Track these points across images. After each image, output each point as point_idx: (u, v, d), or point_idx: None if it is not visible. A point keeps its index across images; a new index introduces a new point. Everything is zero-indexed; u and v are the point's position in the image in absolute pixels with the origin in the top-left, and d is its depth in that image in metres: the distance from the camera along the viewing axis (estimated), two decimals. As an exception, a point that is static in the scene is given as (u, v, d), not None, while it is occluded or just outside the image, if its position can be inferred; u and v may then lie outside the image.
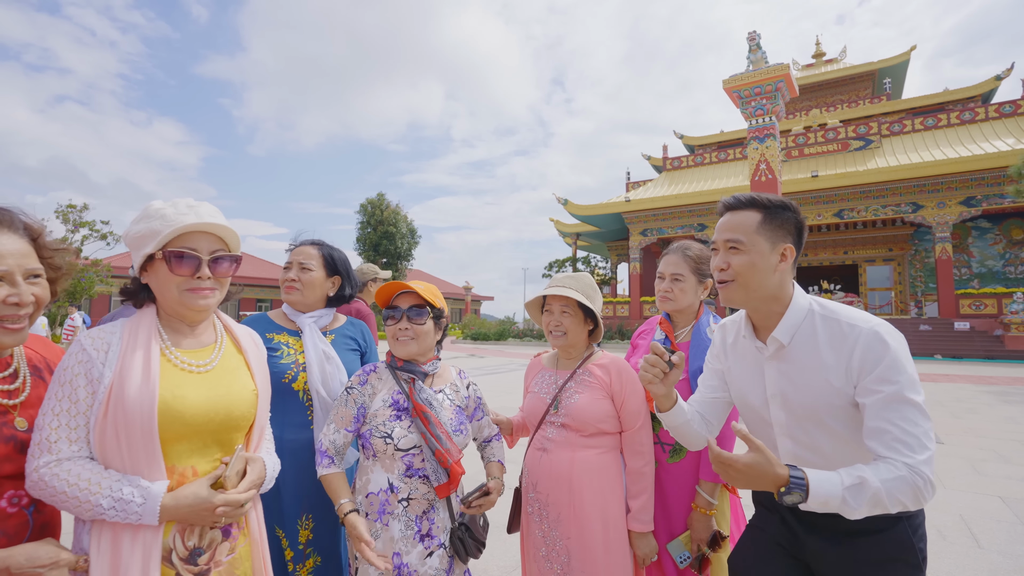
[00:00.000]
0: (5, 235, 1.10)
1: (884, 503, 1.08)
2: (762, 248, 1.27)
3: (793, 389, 1.26)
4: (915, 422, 1.11)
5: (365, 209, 30.49)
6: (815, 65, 30.11)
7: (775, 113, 8.93)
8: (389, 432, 1.57)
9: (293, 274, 1.93)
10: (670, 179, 27.17)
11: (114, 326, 1.19)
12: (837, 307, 1.26)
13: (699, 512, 1.77)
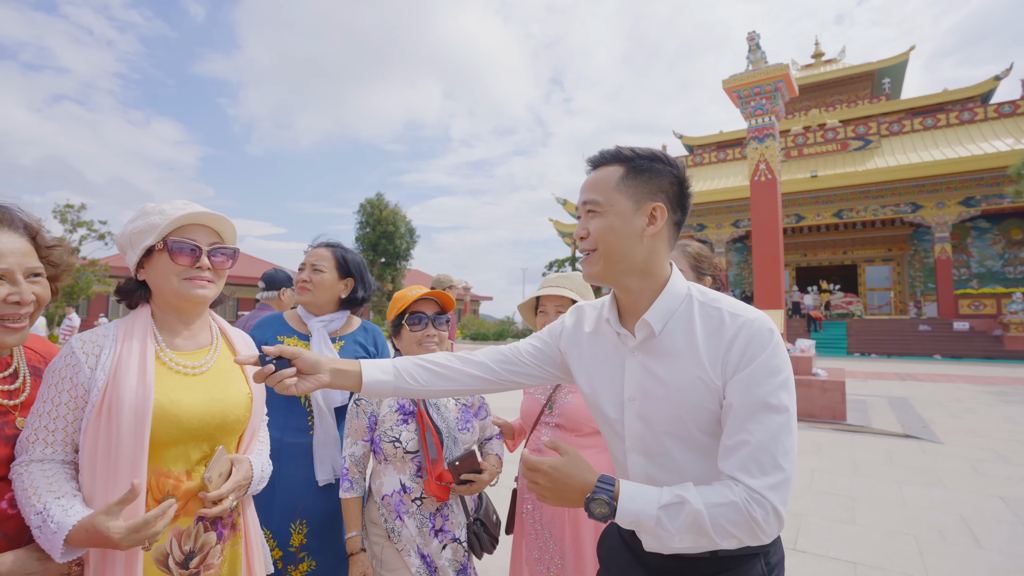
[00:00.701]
0: (5, 233, 1.10)
1: (708, 533, 0.90)
2: (622, 208, 1.04)
3: (658, 388, 1.03)
4: (775, 436, 0.92)
5: (364, 209, 30.47)
6: (814, 65, 30.12)
7: (775, 113, 8.91)
8: (397, 436, 1.60)
9: (306, 275, 1.95)
10: (669, 179, 27.19)
11: (107, 328, 1.18)
12: (719, 295, 1.07)
13: None
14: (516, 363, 1.26)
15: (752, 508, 0.90)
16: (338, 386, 1.16)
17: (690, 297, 1.07)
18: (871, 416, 7.57)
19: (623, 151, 1.08)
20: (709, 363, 0.99)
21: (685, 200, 1.09)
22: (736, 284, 26.37)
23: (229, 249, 1.28)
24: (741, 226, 23.01)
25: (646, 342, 1.07)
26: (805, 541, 3.40)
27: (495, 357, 1.26)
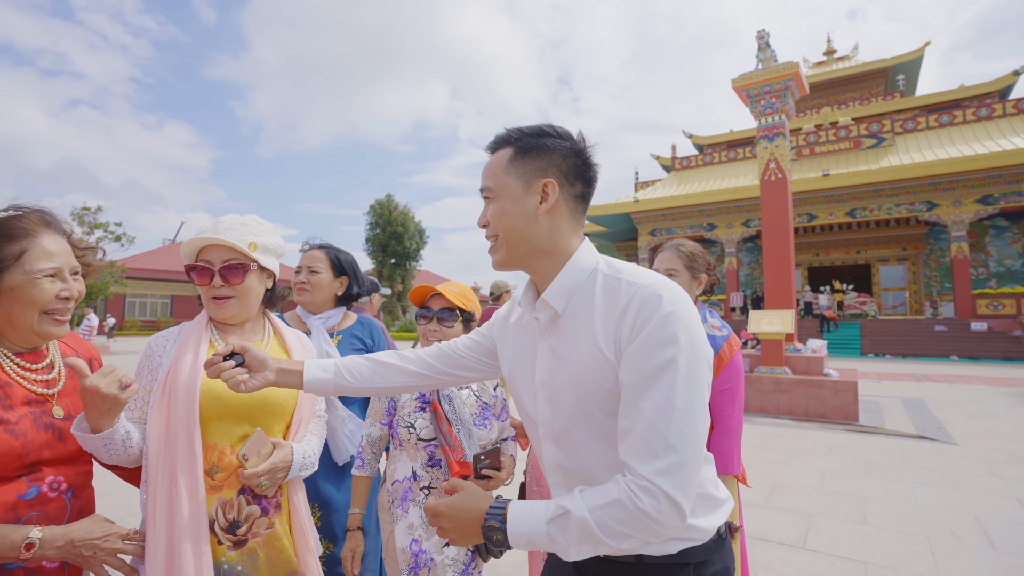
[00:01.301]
0: (52, 235, 1.18)
1: (600, 538, 0.83)
2: (512, 189, 1.00)
3: (561, 369, 0.98)
4: (667, 414, 0.83)
5: (374, 210, 30.69)
6: (826, 63, 29.80)
7: (785, 112, 8.85)
8: (412, 422, 1.66)
9: (303, 276, 2.06)
10: (679, 179, 27.02)
11: (178, 327, 1.39)
12: (626, 266, 0.99)
13: None
14: (453, 358, 1.26)
15: (639, 500, 0.81)
16: (283, 384, 1.19)
17: (596, 271, 1.00)
18: (884, 417, 7.49)
19: (511, 132, 1.05)
20: (603, 336, 0.93)
21: (586, 171, 1.04)
22: (747, 284, 26.17)
23: (243, 264, 1.38)
24: (752, 226, 22.82)
25: (552, 323, 1.02)
26: (815, 540, 3.38)
27: (433, 353, 1.27)
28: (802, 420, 7.47)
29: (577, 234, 1.04)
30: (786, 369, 8.05)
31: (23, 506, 1.07)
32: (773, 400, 7.88)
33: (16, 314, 1.13)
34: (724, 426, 1.80)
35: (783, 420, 7.50)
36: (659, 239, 25.16)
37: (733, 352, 1.84)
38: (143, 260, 36.65)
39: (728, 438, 1.80)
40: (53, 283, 1.15)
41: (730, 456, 1.80)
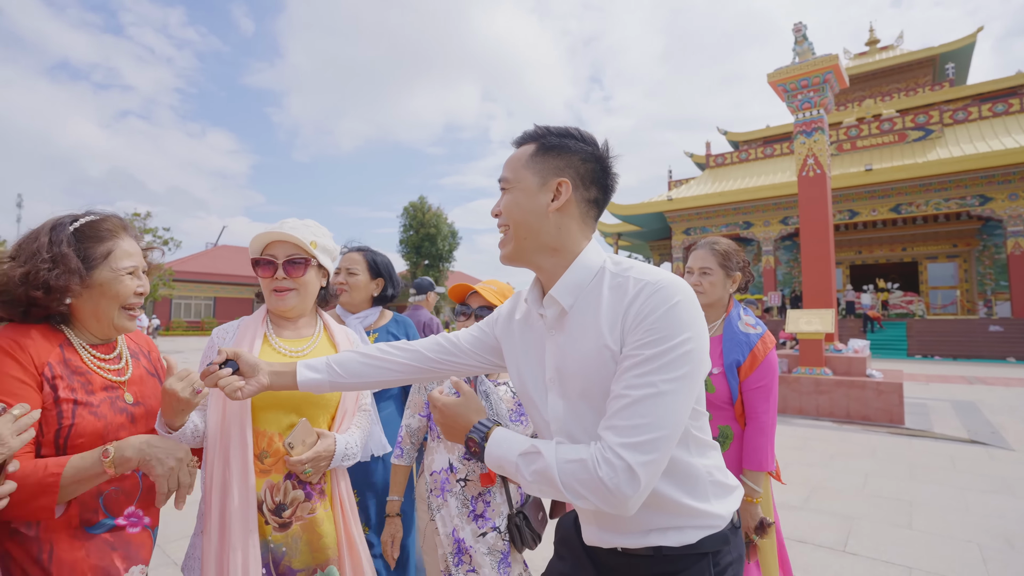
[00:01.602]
0: (127, 239, 1.31)
1: (558, 487, 0.89)
2: (528, 184, 1.03)
3: (570, 364, 1.00)
4: (652, 397, 0.86)
5: (408, 212, 31.14)
6: (868, 53, 28.70)
7: (823, 106, 8.58)
8: None
9: (342, 278, 2.19)
10: (714, 176, 26.48)
11: (237, 321, 1.52)
12: (633, 264, 1.01)
13: (744, 501, 1.80)
14: (453, 352, 1.28)
15: (599, 467, 0.85)
16: (278, 387, 1.26)
17: (603, 270, 1.02)
18: (932, 420, 7.19)
19: (539, 129, 1.07)
20: (608, 329, 0.95)
21: (604, 178, 1.06)
22: (785, 283, 25.44)
23: (305, 258, 1.51)
24: (790, 223, 22.16)
25: (560, 320, 1.04)
26: (856, 544, 3.30)
27: (432, 346, 1.29)
28: (843, 422, 7.25)
29: (586, 236, 1.07)
30: (826, 370, 7.82)
31: (103, 483, 1.18)
32: (812, 401, 7.67)
33: (102, 308, 1.24)
34: (758, 422, 1.81)
35: (823, 422, 7.30)
36: (693, 238, 24.73)
37: (767, 349, 1.84)
38: (188, 263, 38.19)
39: (762, 434, 1.81)
40: (133, 280, 1.27)
41: (764, 452, 1.80)
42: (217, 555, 1.28)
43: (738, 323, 1.91)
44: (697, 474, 1.00)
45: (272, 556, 1.35)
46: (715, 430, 1.87)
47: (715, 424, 1.87)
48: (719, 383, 1.85)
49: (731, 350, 1.85)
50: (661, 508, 0.98)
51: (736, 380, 1.82)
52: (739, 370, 1.82)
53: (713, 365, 1.87)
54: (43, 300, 1.17)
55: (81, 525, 1.15)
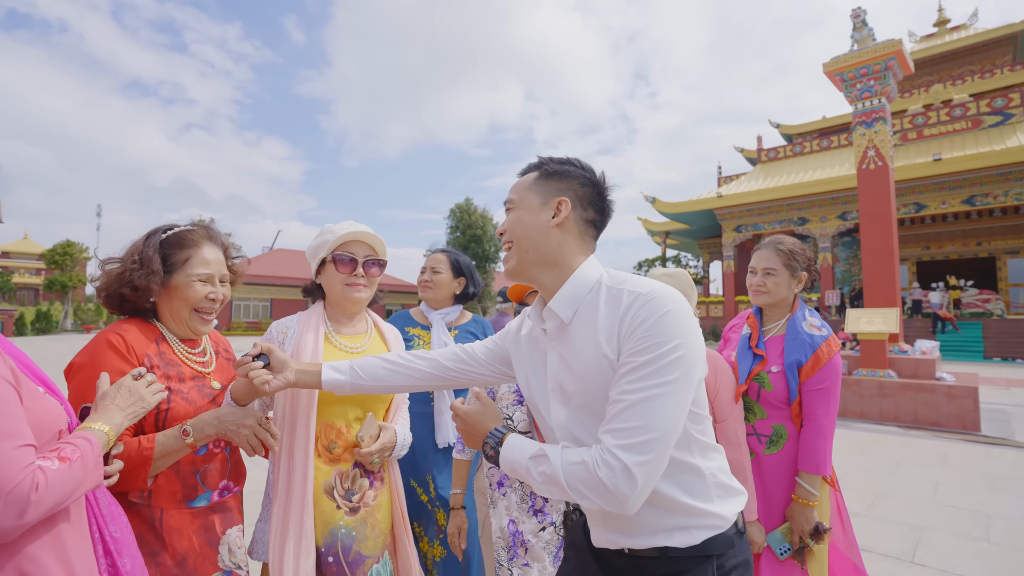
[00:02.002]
0: (210, 247, 1.45)
1: (564, 489, 0.95)
2: (531, 203, 1.12)
3: (570, 374, 1.06)
4: (647, 400, 0.91)
5: (454, 214, 31.61)
6: (937, 34, 26.89)
7: (885, 94, 8.10)
8: (511, 415, 1.79)
9: (427, 276, 2.36)
10: (766, 171, 25.50)
11: (292, 318, 1.60)
12: (628, 277, 1.07)
13: (800, 504, 1.77)
14: (469, 362, 1.36)
15: (599, 468, 0.91)
16: (303, 385, 1.35)
17: (599, 284, 1.08)
18: (1014, 428, 6.70)
19: (541, 160, 1.19)
20: (606, 339, 1.00)
21: (601, 202, 1.15)
22: (844, 281, 24.22)
23: (379, 260, 1.65)
24: (849, 218, 21.05)
25: (560, 332, 1.10)
26: (926, 555, 3.14)
27: (449, 356, 1.38)
28: (910, 428, 6.87)
29: (584, 253, 1.14)
30: (890, 372, 7.43)
31: (199, 460, 1.35)
32: (875, 405, 7.30)
33: (176, 308, 1.40)
34: (816, 425, 1.78)
35: (887, 427, 6.93)
36: (744, 235, 23.92)
37: (832, 352, 1.81)
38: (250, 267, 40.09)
39: (819, 437, 1.77)
40: (204, 286, 1.40)
41: (821, 455, 1.76)
42: (280, 540, 1.40)
43: (802, 324, 1.88)
44: (700, 475, 1.03)
45: (342, 543, 1.45)
46: (769, 429, 1.85)
47: (769, 423, 1.85)
48: (777, 382, 1.83)
49: (792, 350, 1.83)
50: (666, 508, 1.01)
51: (796, 380, 1.80)
52: (800, 370, 1.80)
53: (772, 363, 1.85)
54: (131, 297, 1.35)
55: (184, 500, 1.31)
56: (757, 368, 1.86)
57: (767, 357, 1.87)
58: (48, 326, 29.38)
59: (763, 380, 1.85)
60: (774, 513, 1.84)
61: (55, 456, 0.90)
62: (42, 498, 0.83)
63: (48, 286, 36.02)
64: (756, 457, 1.86)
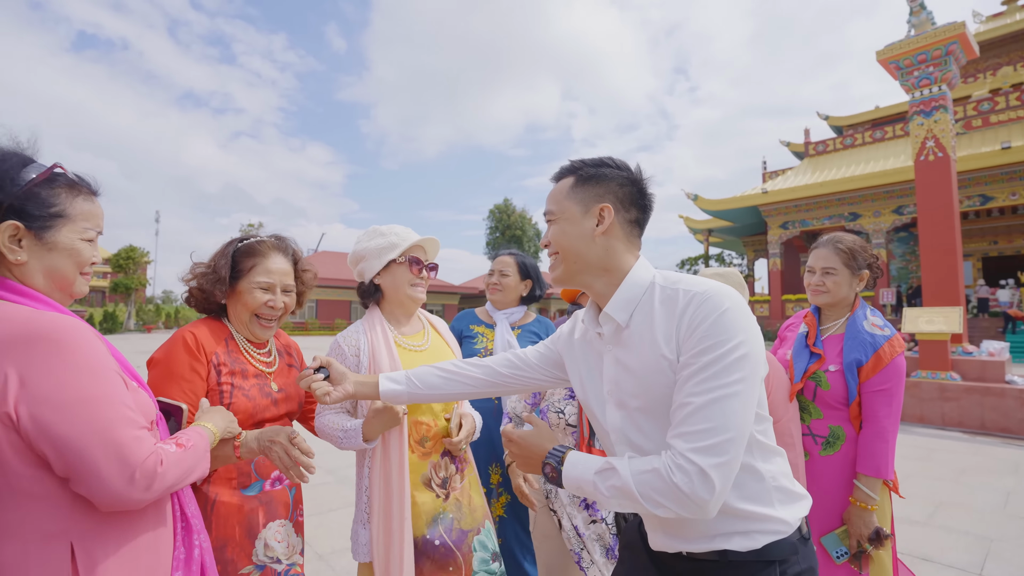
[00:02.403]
0: (278, 257, 1.54)
1: (637, 499, 0.91)
2: (572, 213, 1.11)
3: (628, 377, 1.05)
4: (715, 402, 0.90)
5: (493, 214, 31.85)
6: (1006, 12, 25.13)
7: (946, 81, 7.63)
8: (562, 408, 1.85)
9: (495, 279, 2.45)
10: (814, 165, 24.52)
11: (357, 325, 1.68)
12: (682, 277, 1.06)
13: (858, 507, 1.73)
14: (522, 367, 1.37)
15: (673, 474, 0.89)
16: (361, 396, 1.41)
17: (653, 285, 1.07)
18: (1093, 434, 6.23)
19: (574, 163, 1.16)
20: (664, 340, 0.99)
21: (641, 199, 1.13)
22: (901, 278, 23.02)
23: (434, 265, 1.77)
24: (905, 212, 19.98)
25: (617, 335, 1.09)
26: (995, 568, 2.98)
27: (502, 362, 1.39)
28: (976, 433, 6.49)
29: (632, 253, 1.12)
30: (953, 374, 7.03)
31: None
32: (936, 409, 6.93)
33: (239, 311, 1.51)
34: (878, 426, 1.73)
35: (950, 432, 6.57)
36: (791, 232, 23.09)
37: (895, 353, 1.76)
38: (294, 269, 41.52)
39: (881, 440, 1.72)
40: (264, 294, 1.50)
41: (883, 458, 1.71)
42: (384, 538, 1.48)
43: (863, 323, 1.83)
44: (760, 478, 1.01)
45: (443, 526, 1.55)
46: (825, 429, 1.82)
47: (826, 423, 1.82)
48: (835, 381, 1.79)
49: (852, 349, 1.79)
50: (724, 512, 0.99)
51: (855, 380, 1.76)
52: (860, 370, 1.76)
53: (831, 363, 1.82)
54: (202, 298, 1.50)
55: (238, 487, 1.40)
56: (814, 367, 1.83)
57: (825, 356, 1.84)
58: (114, 326, 31.35)
59: (820, 379, 1.81)
60: (829, 516, 1.80)
61: (173, 442, 1.02)
62: (165, 473, 0.93)
63: (113, 288, 38.37)
64: (811, 458, 1.83)
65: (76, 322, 0.96)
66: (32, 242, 0.97)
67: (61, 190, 1.01)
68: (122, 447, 0.89)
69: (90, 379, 0.91)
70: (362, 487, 1.58)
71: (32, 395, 0.86)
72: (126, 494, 0.89)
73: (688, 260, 36.22)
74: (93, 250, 1.07)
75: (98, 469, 0.87)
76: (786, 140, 27.48)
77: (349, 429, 1.51)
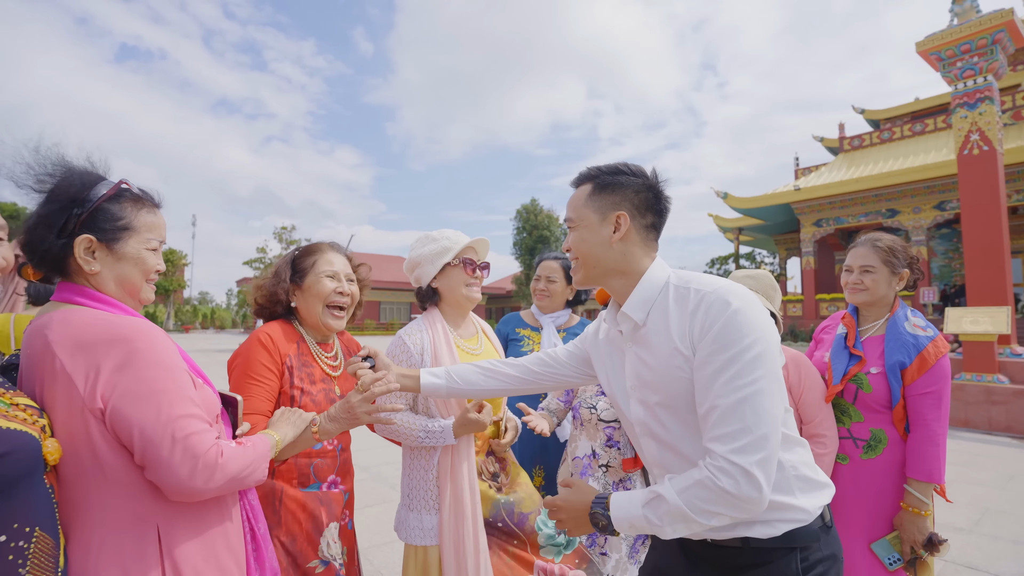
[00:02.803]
0: (335, 253, 1.65)
1: (691, 518, 0.94)
2: (590, 221, 1.17)
3: (647, 372, 1.11)
4: (742, 401, 0.93)
5: (520, 215, 31.84)
6: (1054, 1, 23.95)
7: (992, 71, 7.28)
8: (594, 404, 1.90)
9: (542, 286, 2.53)
10: (849, 161, 23.78)
11: (417, 323, 1.76)
12: (694, 276, 1.11)
13: (911, 513, 1.70)
14: (554, 365, 1.45)
15: (718, 479, 0.92)
16: (404, 388, 1.46)
17: (668, 284, 1.12)
18: None
19: (590, 171, 1.22)
20: (679, 338, 1.04)
21: (657, 204, 1.18)
22: (943, 276, 22.13)
23: (485, 263, 1.84)
24: (948, 208, 19.19)
25: (635, 333, 1.15)
26: (1045, 577, 2.87)
27: (535, 361, 1.48)
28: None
29: (649, 256, 1.18)
30: (1000, 377, 6.76)
31: (314, 455, 1.51)
32: (982, 413, 6.68)
33: (310, 305, 1.59)
34: (928, 431, 1.70)
35: (996, 437, 6.32)
36: (825, 230, 22.46)
37: (939, 354, 1.72)
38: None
39: (931, 444, 1.69)
40: (332, 281, 1.59)
41: (934, 463, 1.68)
42: (456, 520, 1.57)
43: (904, 324, 1.80)
44: (781, 468, 1.03)
45: (505, 510, 1.65)
46: (866, 432, 1.79)
47: (867, 426, 1.79)
48: (877, 383, 1.76)
49: (894, 351, 1.75)
50: None
51: (898, 383, 1.73)
52: (903, 373, 1.72)
53: (872, 365, 1.79)
54: (267, 304, 1.59)
55: (299, 485, 1.48)
56: (854, 369, 1.80)
57: (865, 357, 1.80)
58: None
59: (861, 381, 1.79)
60: (873, 520, 1.77)
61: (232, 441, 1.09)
62: (224, 466, 1.00)
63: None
64: (851, 461, 1.80)
65: (150, 325, 1.05)
66: (104, 253, 1.06)
67: (127, 204, 1.09)
68: (187, 438, 0.96)
69: (162, 375, 0.99)
70: (425, 479, 1.64)
71: (114, 389, 0.95)
72: (189, 483, 0.95)
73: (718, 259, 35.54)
74: (157, 258, 1.16)
75: (165, 458, 0.94)
76: (819, 136, 26.75)
77: (435, 430, 1.59)
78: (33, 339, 1.00)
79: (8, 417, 0.87)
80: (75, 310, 1.02)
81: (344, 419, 1.39)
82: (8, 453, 0.83)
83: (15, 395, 0.94)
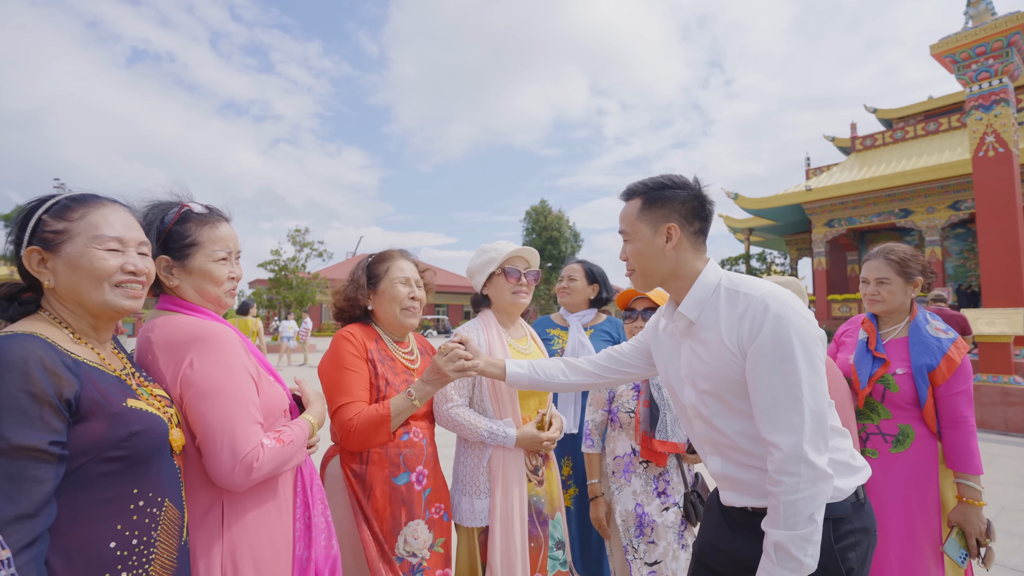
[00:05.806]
0: (405, 260, 1.81)
1: (806, 535, 1.04)
2: (644, 234, 1.29)
3: (700, 364, 1.25)
4: (793, 397, 1.06)
5: (530, 216, 31.89)
6: (1070, -2, 23.64)
7: (1008, 73, 7.29)
8: (632, 409, 1.99)
9: (564, 284, 2.67)
10: (861, 160, 23.62)
11: (475, 325, 1.91)
12: (744, 279, 1.24)
13: (971, 505, 1.80)
14: (621, 360, 1.62)
15: (783, 480, 1.06)
16: (488, 374, 1.66)
17: (719, 286, 1.25)
18: None
19: (638, 186, 1.34)
20: (727, 337, 1.18)
21: (702, 210, 1.30)
22: (958, 277, 21.94)
23: (534, 271, 1.96)
24: (962, 208, 19.00)
25: (690, 329, 1.29)
26: (1062, 572, 2.95)
27: (605, 358, 1.65)
28: (1042, 439, 6.24)
29: (701, 258, 1.31)
30: (1016, 378, 6.79)
31: (403, 445, 1.65)
32: (998, 414, 6.71)
33: (386, 308, 1.75)
34: (968, 427, 1.83)
35: (1012, 437, 6.36)
36: (837, 230, 22.34)
37: (963, 354, 1.85)
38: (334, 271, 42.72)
39: (973, 438, 1.82)
40: (404, 287, 1.75)
41: (978, 456, 1.81)
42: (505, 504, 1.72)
43: (926, 327, 1.92)
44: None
45: (535, 507, 1.80)
46: (894, 428, 1.91)
47: (895, 423, 1.91)
48: (904, 383, 1.87)
49: (920, 353, 1.87)
50: None
51: (925, 383, 1.84)
52: (932, 374, 1.84)
53: (897, 366, 1.90)
54: (347, 307, 1.76)
55: (389, 477, 1.60)
56: (880, 371, 1.91)
57: (889, 360, 1.92)
58: (170, 327, 32.89)
59: (888, 382, 1.90)
60: (904, 510, 1.87)
61: (275, 437, 1.22)
62: (261, 466, 1.15)
63: (168, 291, 40.28)
64: (881, 455, 1.92)
65: (224, 328, 1.21)
66: (179, 269, 1.25)
67: (191, 224, 1.27)
68: (235, 437, 1.12)
69: (227, 374, 1.15)
70: (478, 467, 1.79)
71: (188, 382, 1.12)
72: (229, 477, 1.12)
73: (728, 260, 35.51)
74: (227, 267, 1.31)
75: (216, 451, 1.11)
76: (831, 135, 26.62)
77: (498, 434, 1.75)
78: (140, 341, 1.20)
79: (148, 403, 1.04)
80: (171, 316, 1.21)
81: (435, 379, 1.60)
82: (143, 431, 0.99)
83: (154, 387, 1.11)
